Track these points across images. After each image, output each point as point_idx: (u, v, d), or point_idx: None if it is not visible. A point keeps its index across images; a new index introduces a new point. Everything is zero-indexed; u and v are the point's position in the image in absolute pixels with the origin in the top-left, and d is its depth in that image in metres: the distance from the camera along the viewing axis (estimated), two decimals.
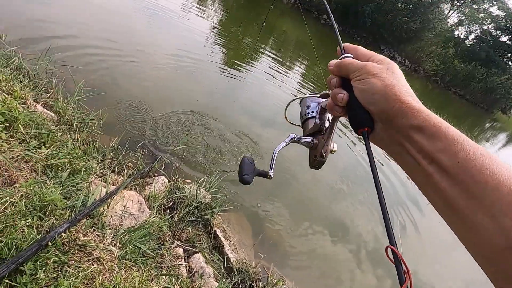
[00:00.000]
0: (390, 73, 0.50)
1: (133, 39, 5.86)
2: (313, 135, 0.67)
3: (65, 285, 1.34)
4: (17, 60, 3.02)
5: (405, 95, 0.47)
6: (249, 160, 0.63)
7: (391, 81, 0.48)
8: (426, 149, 0.43)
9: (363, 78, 0.51)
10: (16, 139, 2.02)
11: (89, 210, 1.81)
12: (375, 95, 0.49)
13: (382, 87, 0.48)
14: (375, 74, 0.50)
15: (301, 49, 13.24)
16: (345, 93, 0.53)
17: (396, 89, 0.48)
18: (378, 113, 0.50)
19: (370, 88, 0.50)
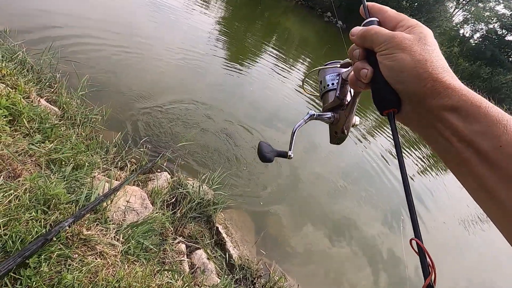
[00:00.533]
0: (422, 44, 0.43)
1: (137, 35, 5.85)
2: (333, 110, 0.63)
3: (69, 279, 1.34)
4: (21, 55, 3.02)
5: (439, 71, 0.41)
6: (266, 143, 0.64)
7: (423, 56, 0.42)
8: (462, 132, 0.39)
9: (390, 53, 0.44)
10: (20, 133, 2.03)
11: (93, 205, 1.81)
12: (403, 73, 0.43)
13: (412, 64, 0.42)
14: (405, 48, 0.43)
15: (305, 46, 13.18)
16: (369, 68, 0.47)
17: (428, 65, 0.41)
18: (406, 93, 0.44)
19: (398, 65, 0.43)
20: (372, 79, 0.47)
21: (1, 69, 2.47)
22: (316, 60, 11.26)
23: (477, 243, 5.35)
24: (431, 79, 0.41)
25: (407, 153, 6.81)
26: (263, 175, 3.97)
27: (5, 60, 2.75)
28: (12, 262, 1.21)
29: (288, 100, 6.75)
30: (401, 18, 0.48)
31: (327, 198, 4.33)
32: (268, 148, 0.62)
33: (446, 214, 5.50)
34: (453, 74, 0.42)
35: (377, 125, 7.72)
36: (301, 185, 4.25)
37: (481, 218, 6.20)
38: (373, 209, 4.59)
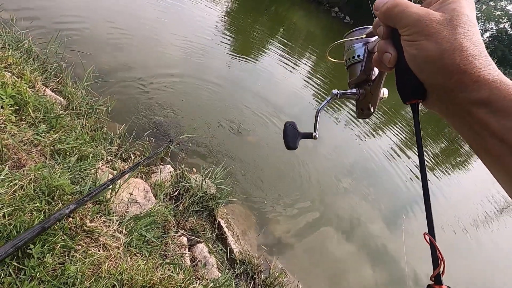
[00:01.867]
0: (453, 27, 0.37)
1: (143, 27, 5.82)
2: (359, 85, 0.58)
3: (72, 270, 1.35)
4: (27, 43, 3.02)
5: (469, 60, 0.36)
6: (291, 126, 0.60)
7: (451, 43, 0.37)
8: (494, 128, 0.35)
9: (414, 40, 0.39)
10: (25, 122, 2.03)
11: (97, 191, 1.81)
12: (428, 64, 0.39)
13: (438, 54, 0.37)
14: (431, 34, 0.38)
15: (311, 41, 13.04)
16: (393, 52, 0.43)
17: (456, 55, 0.36)
18: (431, 85, 0.40)
19: (422, 54, 0.39)
20: (396, 63, 0.43)
21: (7, 58, 2.46)
22: (323, 55, 11.14)
23: (481, 244, 5.33)
24: (458, 71, 0.37)
25: (413, 151, 6.77)
26: (266, 171, 3.97)
27: (11, 49, 2.75)
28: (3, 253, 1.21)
29: (294, 93, 6.71)
30: None
31: (329, 195, 4.32)
32: (293, 132, 0.60)
33: (449, 214, 5.48)
34: (487, 62, 0.37)
35: (383, 122, 7.66)
36: (303, 182, 4.24)
37: (486, 219, 6.18)
38: (375, 207, 4.58)
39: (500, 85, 0.35)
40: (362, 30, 0.56)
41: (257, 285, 2.59)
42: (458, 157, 8.79)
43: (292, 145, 0.59)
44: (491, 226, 6.10)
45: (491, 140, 0.36)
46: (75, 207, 1.59)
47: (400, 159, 6.32)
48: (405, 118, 8.98)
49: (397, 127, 7.77)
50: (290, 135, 0.59)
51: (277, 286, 2.60)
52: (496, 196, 7.61)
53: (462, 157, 9.01)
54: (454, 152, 8.98)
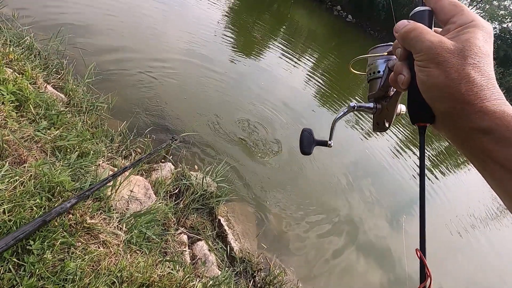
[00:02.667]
0: (463, 57, 0.39)
1: (145, 25, 5.81)
2: (377, 100, 0.60)
3: (72, 267, 1.35)
4: (29, 40, 3.01)
5: (474, 91, 0.38)
6: (308, 132, 0.64)
7: (458, 73, 0.38)
8: (496, 156, 0.37)
9: (424, 66, 0.41)
10: (26, 118, 2.03)
11: (99, 186, 1.81)
12: (435, 91, 0.40)
13: (445, 83, 0.39)
14: (440, 63, 0.39)
15: (313, 40, 13.00)
16: (407, 75, 0.44)
17: (462, 85, 0.38)
18: (437, 111, 0.42)
19: (430, 81, 0.40)
20: (410, 85, 0.45)
21: (8, 54, 2.46)
22: (324, 53, 11.11)
23: (478, 246, 5.32)
24: (463, 100, 0.38)
25: (411, 152, 6.75)
26: (267, 169, 3.96)
27: (12, 45, 2.74)
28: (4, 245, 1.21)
29: (295, 91, 6.70)
30: (456, 11, 0.42)
31: (330, 195, 4.32)
32: (309, 139, 0.63)
33: (451, 213, 5.47)
34: (492, 93, 0.38)
35: None
36: (304, 181, 4.24)
37: (487, 218, 6.17)
38: (375, 206, 4.58)
39: (502, 115, 0.36)
40: (385, 47, 0.58)
41: (257, 283, 2.60)
42: (459, 156, 8.77)
43: (307, 151, 0.64)
44: (491, 226, 6.08)
45: (494, 166, 0.38)
46: (76, 201, 1.59)
47: (401, 159, 6.31)
48: (405, 118, 8.95)
49: (397, 127, 7.75)
50: (306, 142, 0.64)
51: (277, 284, 2.60)
52: None
53: (461, 158, 8.99)
54: (455, 151, 8.95)
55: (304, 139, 0.64)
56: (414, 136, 7.73)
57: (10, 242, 1.24)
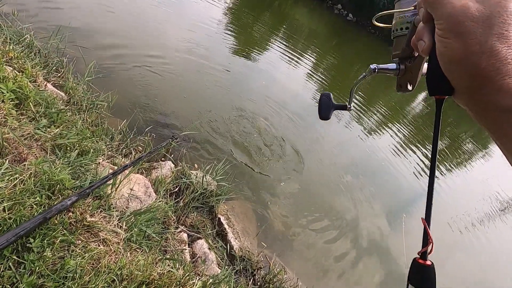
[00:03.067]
0: (489, 26, 0.34)
1: (145, 24, 5.80)
2: (401, 60, 0.55)
3: (72, 265, 1.35)
4: (29, 38, 3.01)
5: (495, 67, 0.33)
6: (326, 97, 0.62)
7: (480, 46, 0.34)
8: None
9: (443, 37, 0.37)
10: (26, 117, 2.03)
11: (99, 184, 1.82)
12: (453, 65, 0.37)
13: (464, 56, 0.35)
14: (460, 34, 0.35)
15: (314, 38, 12.98)
16: (428, 41, 0.40)
17: (483, 59, 0.34)
18: (455, 85, 0.39)
19: (449, 54, 0.36)
20: (430, 53, 0.41)
21: (8, 52, 2.46)
22: (326, 51, 11.09)
23: (479, 244, 5.33)
24: (482, 76, 0.34)
25: (411, 151, 6.75)
26: (268, 168, 3.96)
27: (12, 43, 2.74)
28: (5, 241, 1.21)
29: (297, 90, 6.69)
30: None
31: (330, 193, 4.32)
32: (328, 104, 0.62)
33: (452, 212, 5.47)
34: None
35: (384, 121, 7.63)
36: (305, 179, 4.24)
37: (489, 217, 6.17)
38: (376, 205, 4.58)
39: None
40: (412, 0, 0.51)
41: (257, 282, 2.60)
42: (461, 155, 8.76)
43: (325, 116, 0.62)
44: (493, 225, 6.09)
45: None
46: (76, 199, 1.59)
47: (402, 158, 6.31)
48: (406, 117, 8.96)
49: (398, 126, 7.74)
50: (324, 106, 0.62)
51: (277, 283, 2.61)
52: (501, 195, 7.60)
53: (465, 155, 8.98)
54: (457, 150, 8.95)
55: (322, 104, 0.62)
56: (415, 135, 7.74)
57: (11, 239, 1.24)
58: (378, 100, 8.96)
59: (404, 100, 10.35)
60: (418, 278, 0.40)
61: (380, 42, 19.02)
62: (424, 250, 0.40)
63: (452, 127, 10.47)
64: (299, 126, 5.26)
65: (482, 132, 12.38)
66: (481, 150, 10.25)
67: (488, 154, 10.33)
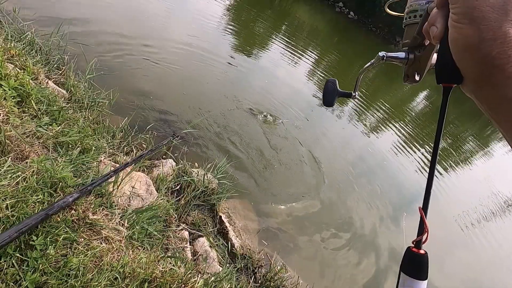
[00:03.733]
0: (504, 13, 0.33)
1: (145, 22, 5.78)
2: (411, 49, 0.54)
3: (74, 262, 1.36)
4: (30, 35, 3.00)
5: (507, 54, 0.33)
6: (332, 83, 0.62)
7: (494, 33, 0.33)
8: None
9: (457, 21, 0.36)
10: (28, 114, 2.03)
11: (101, 181, 1.82)
12: (465, 52, 0.36)
13: (477, 43, 0.34)
14: (475, 19, 0.34)
15: (315, 36, 12.94)
16: (440, 26, 0.39)
17: (495, 46, 0.33)
18: (465, 74, 0.38)
19: (462, 41, 0.36)
20: (442, 39, 0.40)
21: (10, 49, 2.45)
22: (326, 49, 11.05)
23: (480, 243, 5.33)
24: (492, 64, 0.33)
25: (412, 151, 6.74)
26: (267, 166, 3.96)
27: (14, 40, 2.74)
28: (7, 237, 1.22)
29: (298, 88, 6.68)
30: None
31: (332, 192, 4.32)
32: (333, 91, 0.62)
33: (454, 210, 5.48)
34: None
35: (385, 118, 7.62)
36: (306, 179, 4.24)
37: (486, 218, 6.17)
38: (376, 204, 4.58)
39: None
40: None
41: (258, 280, 2.61)
42: (462, 154, 8.75)
43: (329, 102, 0.62)
44: (494, 224, 6.09)
45: None
46: (78, 196, 1.59)
47: (403, 157, 6.30)
48: (408, 115, 8.94)
49: (399, 125, 7.73)
50: (329, 92, 0.61)
51: (278, 281, 2.61)
52: (504, 193, 7.60)
53: (465, 154, 8.97)
54: (458, 148, 8.94)
55: (328, 89, 0.62)
56: (416, 133, 7.73)
57: (14, 235, 1.25)
58: (380, 97, 8.95)
59: (406, 99, 10.33)
60: (410, 266, 0.41)
61: (382, 40, 18.96)
62: (419, 239, 0.41)
63: (454, 126, 10.45)
64: (301, 123, 5.25)
65: (483, 131, 12.37)
66: (483, 148, 10.24)
67: (490, 152, 10.32)
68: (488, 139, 11.24)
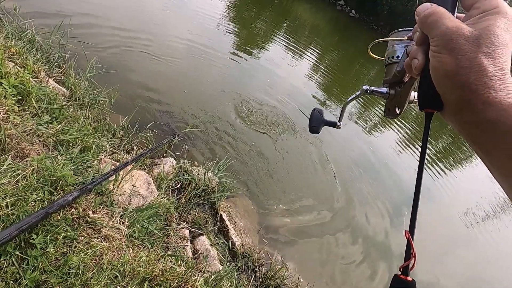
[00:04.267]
0: (478, 45, 0.37)
1: (146, 19, 5.77)
2: (391, 86, 0.59)
3: (75, 261, 1.36)
4: (30, 33, 3.00)
5: (482, 81, 0.36)
6: (318, 112, 0.66)
7: (470, 62, 0.37)
8: (504, 148, 0.35)
9: (437, 52, 0.40)
10: (28, 112, 2.02)
11: (101, 180, 1.82)
12: (445, 78, 0.39)
13: (455, 70, 0.38)
14: (453, 50, 0.38)
15: (316, 34, 12.90)
16: (421, 59, 0.43)
17: (471, 74, 0.37)
18: (446, 99, 0.41)
19: (441, 68, 0.39)
20: (423, 71, 0.44)
21: (10, 47, 2.45)
22: (327, 48, 11.03)
23: (480, 242, 5.33)
24: (470, 90, 0.37)
25: (412, 151, 6.73)
26: (271, 165, 3.96)
27: (14, 38, 2.73)
28: (8, 235, 1.22)
29: (299, 87, 6.66)
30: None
31: (332, 190, 4.32)
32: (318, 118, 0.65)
33: (457, 208, 5.47)
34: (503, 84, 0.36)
35: (384, 120, 7.61)
36: (307, 178, 4.24)
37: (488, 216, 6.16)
38: (377, 203, 4.57)
39: (509, 106, 0.35)
40: (406, 31, 0.56)
41: (258, 278, 2.61)
42: (463, 153, 8.73)
43: (315, 130, 0.66)
44: (495, 223, 6.08)
45: (501, 158, 0.37)
46: (78, 194, 1.59)
47: (404, 156, 6.29)
48: (408, 115, 8.91)
49: (400, 124, 7.71)
50: (315, 121, 0.65)
51: (278, 279, 2.61)
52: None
53: (467, 153, 8.95)
54: (460, 147, 8.91)
55: (313, 118, 0.65)
56: (418, 132, 7.70)
57: (14, 233, 1.25)
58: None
59: None
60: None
61: (380, 37, 18.84)
62: (406, 265, 0.40)
63: None
64: (302, 122, 5.24)
65: None
66: None
67: None
68: None
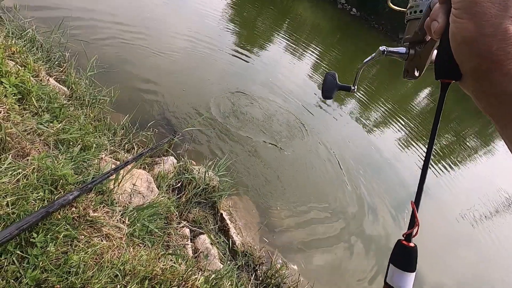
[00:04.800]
0: (504, 9, 0.33)
1: (146, 17, 5.76)
2: (411, 45, 0.54)
3: (75, 260, 1.36)
4: (31, 32, 3.00)
5: (506, 51, 0.32)
6: (331, 76, 0.63)
7: (494, 28, 0.33)
8: None
9: (458, 16, 0.36)
10: (29, 111, 2.02)
11: (101, 179, 1.82)
12: (464, 46, 0.36)
13: (476, 37, 0.34)
14: (475, 14, 0.34)
15: (317, 33, 12.86)
16: (442, 22, 0.39)
17: (494, 41, 0.33)
18: (463, 68, 0.38)
19: (460, 35, 0.36)
20: (443, 35, 0.40)
21: (10, 46, 2.45)
22: (328, 47, 10.99)
23: (481, 241, 5.32)
24: (491, 59, 0.33)
25: (415, 148, 6.71)
26: (271, 165, 3.96)
27: (14, 37, 2.73)
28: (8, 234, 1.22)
29: (299, 86, 6.65)
30: None
31: (332, 189, 4.31)
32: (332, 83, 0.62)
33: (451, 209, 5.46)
34: None
35: (387, 116, 7.59)
36: (308, 177, 4.24)
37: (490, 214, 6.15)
38: (378, 201, 4.57)
39: None
40: None
41: (259, 277, 2.61)
42: (464, 151, 8.71)
43: (328, 95, 0.63)
44: (497, 221, 6.07)
45: None
46: (78, 194, 1.59)
47: (405, 155, 6.28)
48: (410, 113, 8.89)
49: (402, 122, 7.69)
50: (328, 85, 0.62)
51: (278, 278, 2.62)
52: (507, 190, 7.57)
53: (469, 151, 8.92)
54: (462, 145, 8.89)
55: (327, 82, 0.62)
56: (420, 131, 7.69)
57: (14, 232, 1.25)
58: (384, 92, 8.90)
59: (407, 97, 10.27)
60: (400, 259, 0.41)
61: (384, 37, 18.84)
62: (410, 232, 0.42)
63: (456, 123, 10.39)
64: (304, 121, 5.23)
65: (486, 128, 12.29)
66: (485, 146, 10.18)
67: (492, 151, 10.26)
68: (489, 137, 11.18)
